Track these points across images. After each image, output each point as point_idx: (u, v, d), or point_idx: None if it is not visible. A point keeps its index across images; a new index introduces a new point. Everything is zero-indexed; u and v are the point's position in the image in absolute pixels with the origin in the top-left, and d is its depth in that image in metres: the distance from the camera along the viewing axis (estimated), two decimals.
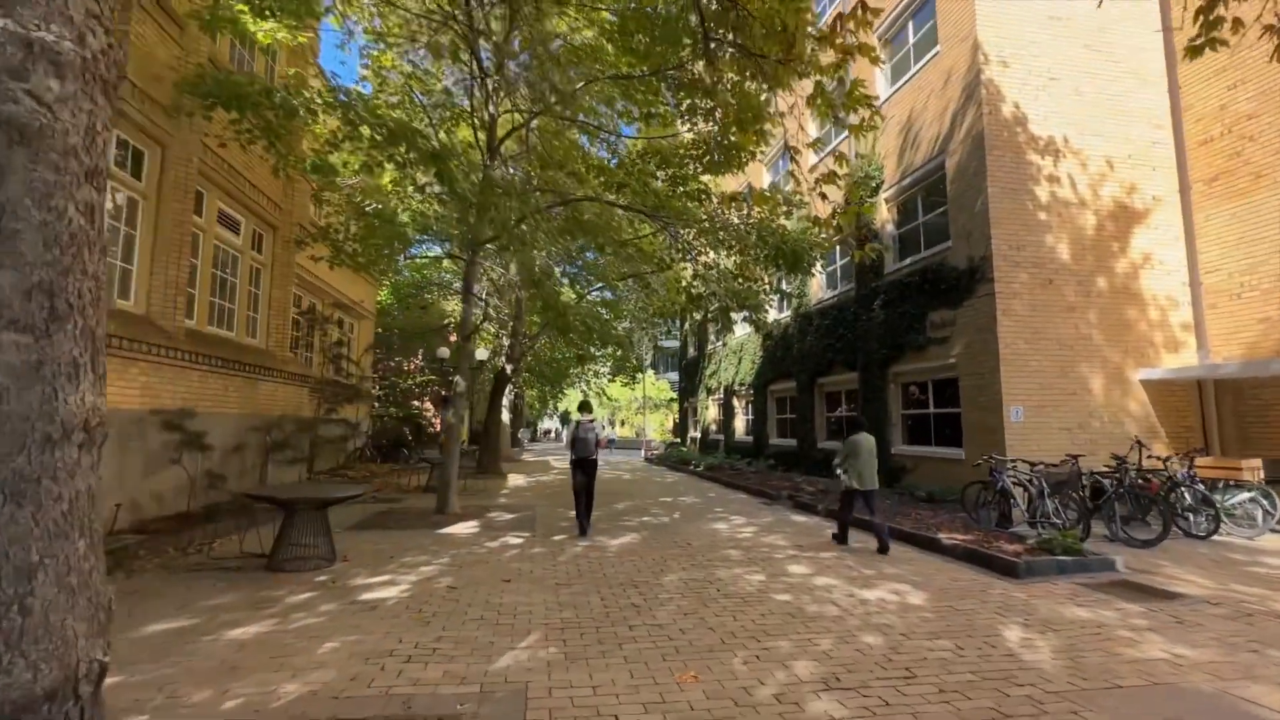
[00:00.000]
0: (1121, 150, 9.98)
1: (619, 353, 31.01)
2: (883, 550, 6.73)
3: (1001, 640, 4.03)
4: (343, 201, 11.60)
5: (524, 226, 9.25)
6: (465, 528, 7.93)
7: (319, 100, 7.30)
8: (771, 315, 17.49)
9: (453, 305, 24.28)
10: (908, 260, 11.29)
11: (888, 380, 11.74)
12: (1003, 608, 4.75)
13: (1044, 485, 7.31)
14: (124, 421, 6.82)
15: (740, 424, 20.41)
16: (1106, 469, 7.85)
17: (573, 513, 8.90)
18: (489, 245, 9.28)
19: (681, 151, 11.49)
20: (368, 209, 10.80)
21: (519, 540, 7.25)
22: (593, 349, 14.35)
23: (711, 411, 23.39)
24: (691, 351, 27.14)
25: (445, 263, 27.74)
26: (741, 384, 19.46)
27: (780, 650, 3.81)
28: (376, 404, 34.13)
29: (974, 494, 8.18)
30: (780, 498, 11.42)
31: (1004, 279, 9.15)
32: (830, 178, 5.85)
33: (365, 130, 6.81)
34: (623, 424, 64.59)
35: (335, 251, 11.36)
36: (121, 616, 4.18)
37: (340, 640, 3.83)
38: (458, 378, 9.08)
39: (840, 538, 7.27)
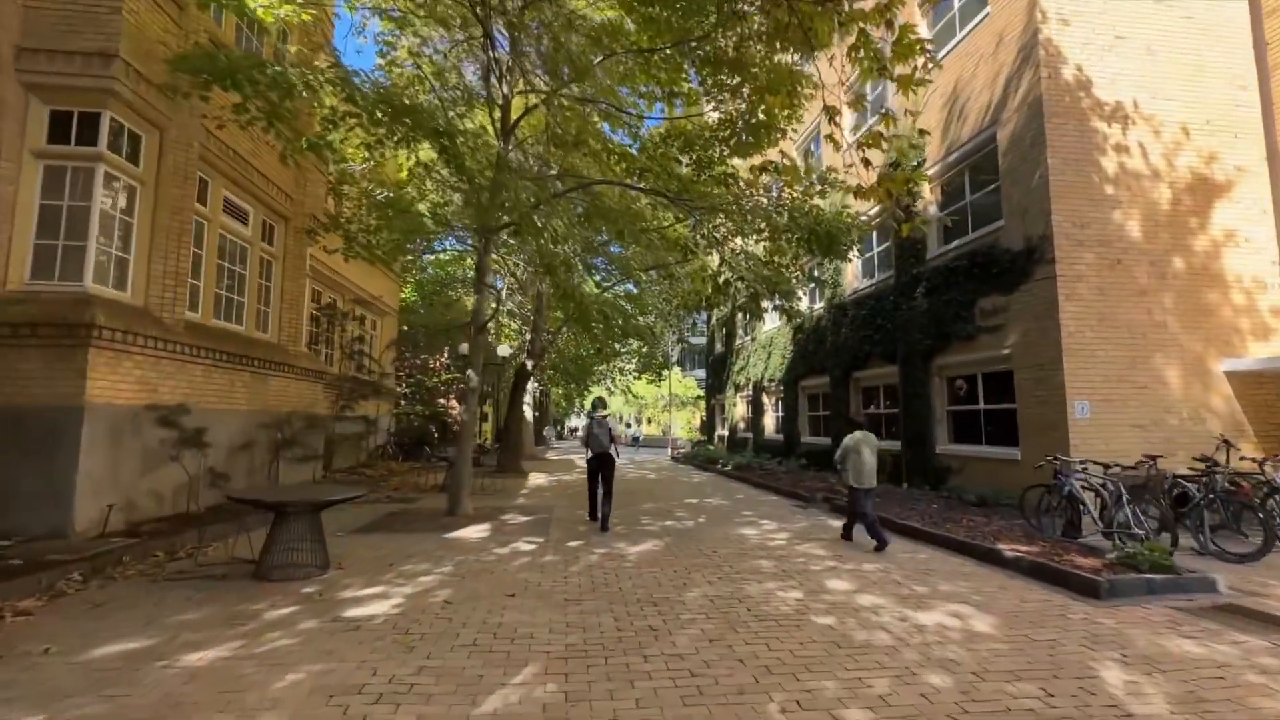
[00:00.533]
0: (1199, 115, 8.94)
1: (644, 349, 30.48)
2: (877, 547, 6.69)
3: (1100, 684, 3.29)
4: (359, 194, 11.26)
5: (541, 209, 8.71)
6: (475, 531, 7.42)
7: (318, 76, 6.85)
8: (803, 306, 16.66)
9: (474, 300, 24.02)
10: (954, 244, 10.40)
11: (931, 374, 10.87)
12: (1090, 639, 3.99)
13: (1121, 490, 6.44)
14: (117, 417, 6.48)
15: (770, 421, 19.61)
16: (1192, 472, 6.93)
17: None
18: (503, 232, 8.76)
19: (707, 133, 10.82)
20: (379, 197, 10.41)
21: (531, 546, 6.69)
22: (615, 343, 13.75)
23: (739, 409, 22.62)
24: (719, 347, 26.37)
25: (470, 259, 27.57)
26: (771, 380, 18.66)
27: (825, 693, 3.14)
28: (402, 401, 34.27)
29: (1035, 499, 7.33)
30: (814, 500, 10.67)
31: (1066, 260, 8.23)
32: (875, 139, 5.13)
33: (362, 101, 6.33)
34: (649, 422, 64.00)
35: (348, 243, 11.02)
36: (76, 635, 3.74)
37: (306, 670, 3.30)
38: (470, 372, 8.58)
39: (846, 535, 7.30)
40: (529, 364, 15.80)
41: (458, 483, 8.27)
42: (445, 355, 32.32)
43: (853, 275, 14.06)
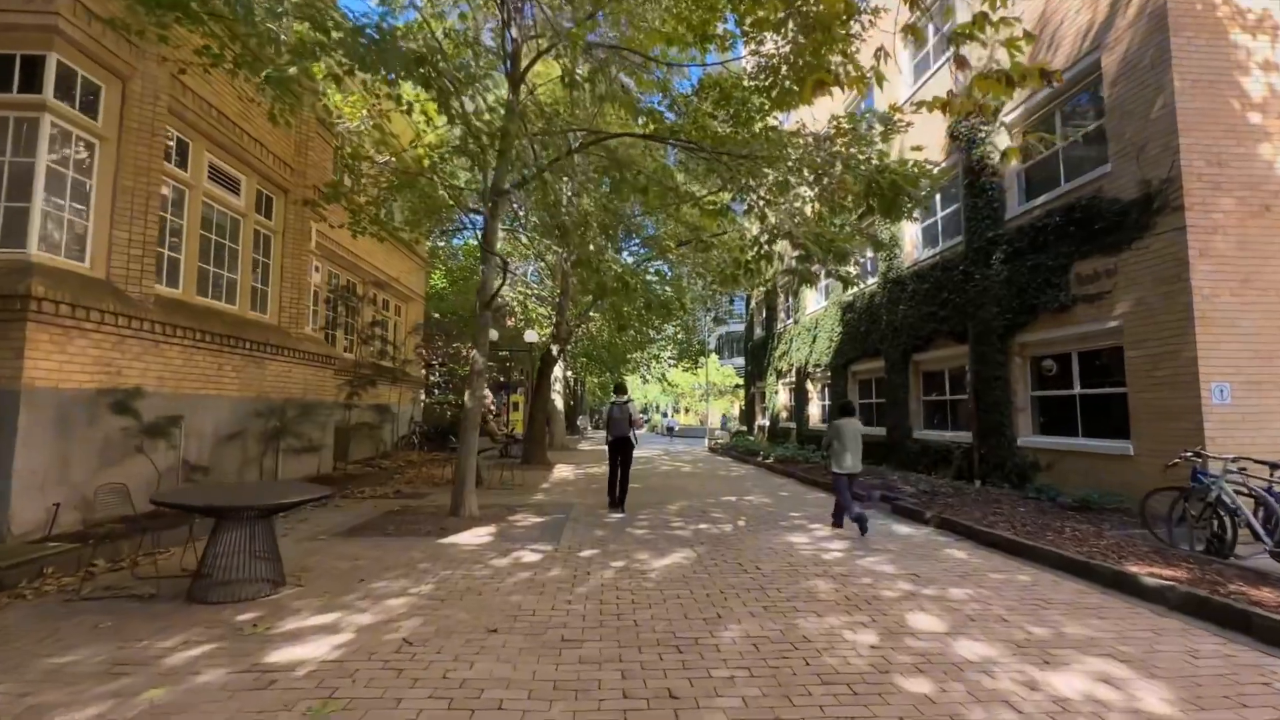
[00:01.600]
0: None
1: (680, 334, 29.17)
2: (835, 524, 7.00)
3: None
4: (358, 157, 10.34)
5: (555, 166, 7.59)
6: (475, 536, 6.39)
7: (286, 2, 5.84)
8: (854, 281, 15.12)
9: (497, 283, 23.14)
10: (1040, 199, 8.77)
11: (1010, 352, 9.31)
12: None
13: None
14: (66, 403, 5.67)
15: (815, 410, 18.12)
16: None
17: (613, 516, 7.71)
18: (514, 195, 7.69)
19: (745, 83, 9.45)
20: (382, 163, 9.46)
21: (536, 556, 5.61)
22: (637, 320, 12.56)
23: (781, 397, 21.16)
24: (758, 332, 24.89)
25: (499, 246, 26.79)
26: (817, 365, 17.16)
27: None
28: (435, 390, 33.95)
29: (1164, 505, 5.83)
30: (872, 500, 9.29)
31: (1199, 206, 6.61)
32: (980, 23, 3.79)
33: (332, 27, 5.27)
34: (686, 411, 62.62)
35: (354, 217, 10.13)
36: None
37: None
38: (475, 353, 7.56)
39: (837, 523, 7.20)
40: (554, 348, 14.77)
41: (461, 479, 7.27)
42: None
43: (912, 245, 12.47)
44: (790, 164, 7.49)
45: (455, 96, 5.50)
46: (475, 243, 27.31)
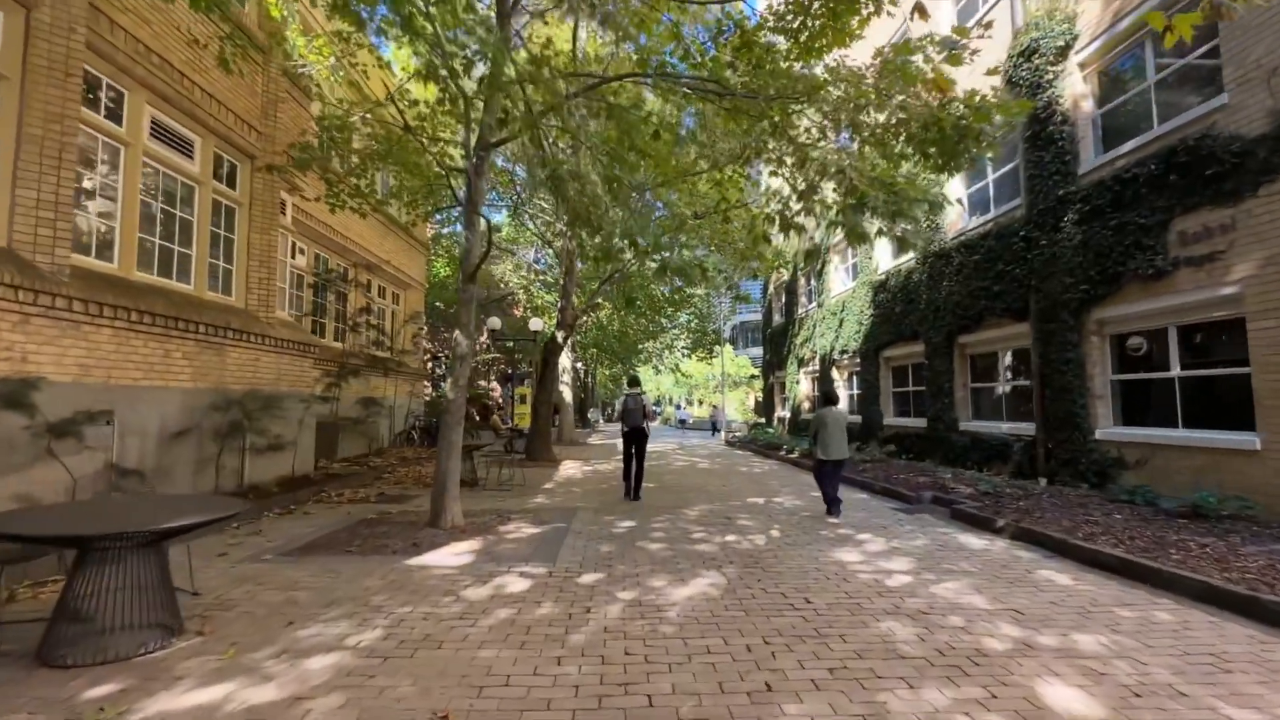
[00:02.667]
0: None
1: (694, 322, 27.89)
2: (828, 513, 7.07)
3: None
4: (331, 118, 9.18)
5: (552, 115, 6.36)
6: (454, 554, 5.24)
7: None
8: (883, 263, 13.80)
9: (500, 268, 21.95)
10: (1127, 146, 7.40)
11: (1085, 331, 7.97)
12: None
13: None
14: None
15: (842, 400, 16.80)
16: None
17: (623, 524, 6.64)
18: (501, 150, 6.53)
19: (768, 25, 8.15)
20: (357, 119, 8.31)
21: (524, 584, 4.45)
22: (646, 299, 11.42)
23: (803, 386, 19.86)
24: (777, 318, 23.56)
25: (505, 230, 25.61)
26: (844, 351, 15.85)
27: None
28: (442, 383, 33.02)
29: None
30: (923, 501, 8.05)
31: None
32: None
33: None
34: (700, 403, 61.31)
35: (331, 188, 9.02)
36: None
37: None
38: (458, 334, 6.39)
39: (831, 511, 7.18)
40: (559, 335, 13.61)
41: (441, 483, 6.12)
42: (484, 334, 30.80)
43: (957, 214, 11.10)
44: (831, 104, 6.20)
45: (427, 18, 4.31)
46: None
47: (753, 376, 50.34)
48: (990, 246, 9.74)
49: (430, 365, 33.09)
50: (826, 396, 7.60)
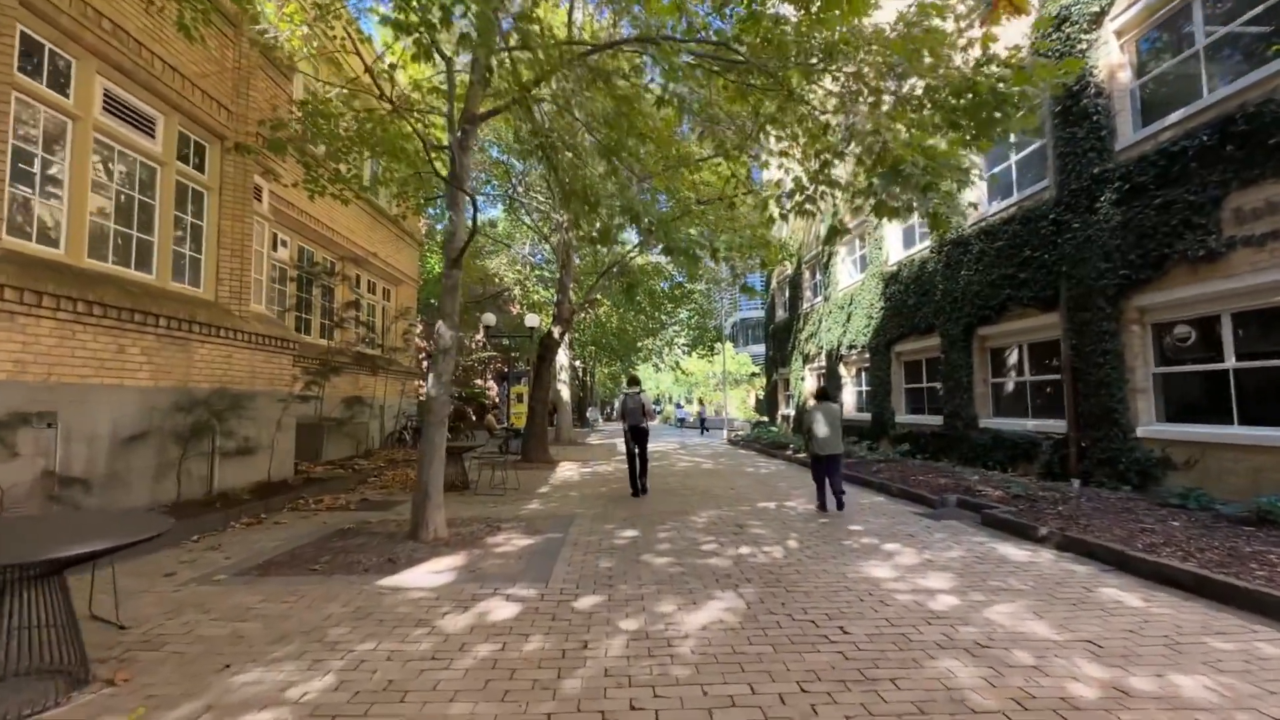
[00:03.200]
0: None
1: (694, 318, 27.29)
2: (837, 507, 7.09)
3: None
4: (323, 109, 8.57)
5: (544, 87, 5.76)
6: (433, 573, 4.62)
7: None
8: (893, 254, 13.19)
9: (495, 263, 21.32)
10: (1174, 116, 6.78)
11: (1124, 319, 7.37)
12: None
13: None
14: None
15: (849, 397, 16.21)
16: None
17: (629, 532, 6.09)
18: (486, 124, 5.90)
19: None
20: (333, 94, 7.69)
21: (511, 610, 3.83)
22: (645, 295, 10.84)
23: (809, 383, 19.25)
24: (780, 313, 22.95)
25: (500, 225, 24.98)
26: (852, 346, 15.24)
27: None
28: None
29: None
30: (947, 505, 7.44)
31: None
32: None
33: None
34: (699, 402, 60.73)
35: (309, 172, 8.39)
36: None
37: None
38: (441, 325, 5.77)
39: (823, 506, 7.34)
40: (555, 331, 12.98)
41: (423, 490, 5.50)
42: (480, 332, 30.14)
43: (977, 198, 10.48)
44: (855, 64, 5.59)
45: None
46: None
47: (753, 374, 49.78)
48: (1014, 232, 9.13)
49: (424, 364, 32.56)
50: (820, 392, 7.84)
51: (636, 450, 8.56)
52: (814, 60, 5.86)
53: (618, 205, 4.83)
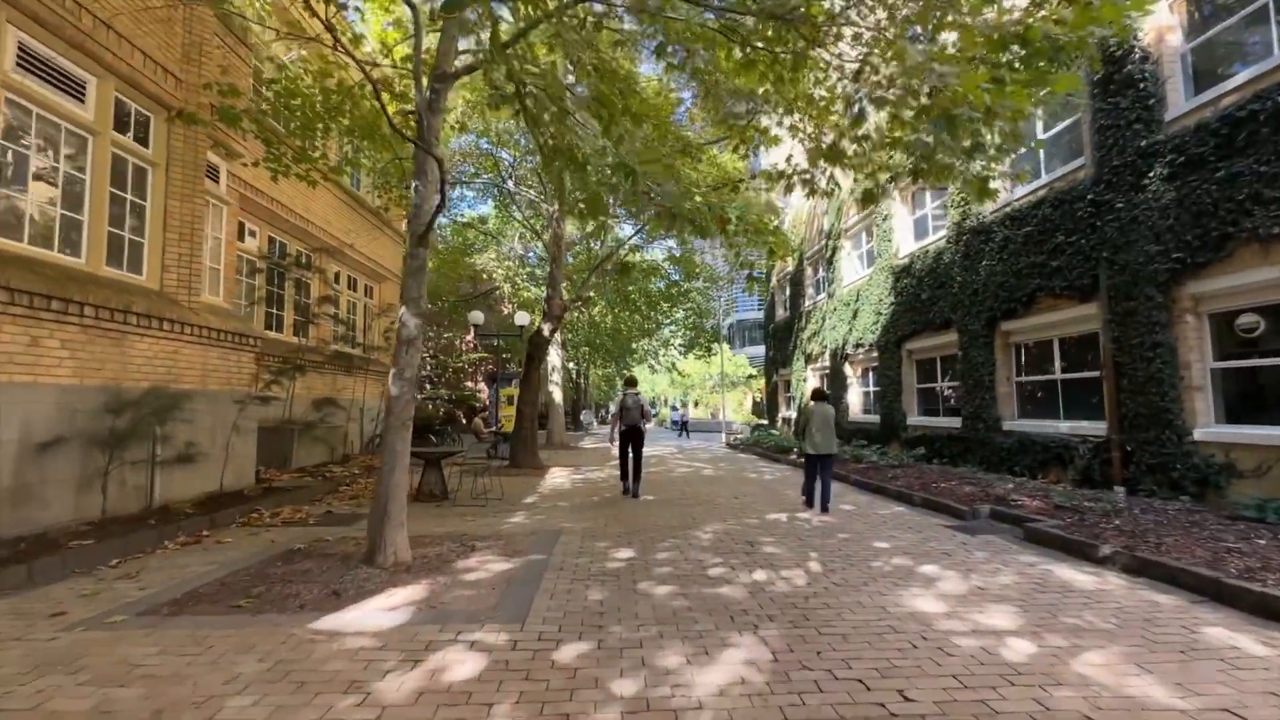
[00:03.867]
0: None
1: (691, 320, 26.52)
2: (822, 509, 7.21)
3: None
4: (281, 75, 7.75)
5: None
6: (383, 610, 3.78)
7: None
8: (904, 246, 12.44)
9: (484, 258, 20.47)
10: (1238, 80, 6.02)
11: (1177, 309, 6.61)
12: None
13: None
14: None
15: (856, 398, 15.44)
16: None
17: (624, 553, 5.31)
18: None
19: None
20: (290, 59, 6.88)
21: (473, 664, 3.00)
22: (638, 286, 10.04)
23: (812, 384, 18.47)
24: (781, 313, 22.20)
25: (491, 221, 24.14)
26: (859, 345, 14.48)
27: None
28: (428, 385, 31.49)
29: None
30: (979, 517, 6.67)
31: None
32: None
33: None
34: (696, 404, 59.90)
35: (270, 150, 7.58)
36: None
37: None
38: (405, 312, 4.95)
39: (809, 502, 7.44)
40: (546, 328, 12.15)
41: (382, 507, 4.66)
42: (472, 335, 29.24)
43: (999, 182, 9.73)
44: (883, 12, 4.81)
45: None
46: (464, 219, 24.71)
47: (750, 376, 49.04)
48: (1045, 216, 8.37)
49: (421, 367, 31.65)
50: (815, 393, 7.90)
51: (631, 451, 8.61)
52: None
53: (609, 163, 4.02)
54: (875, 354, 13.76)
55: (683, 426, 32.37)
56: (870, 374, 14.70)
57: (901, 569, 4.82)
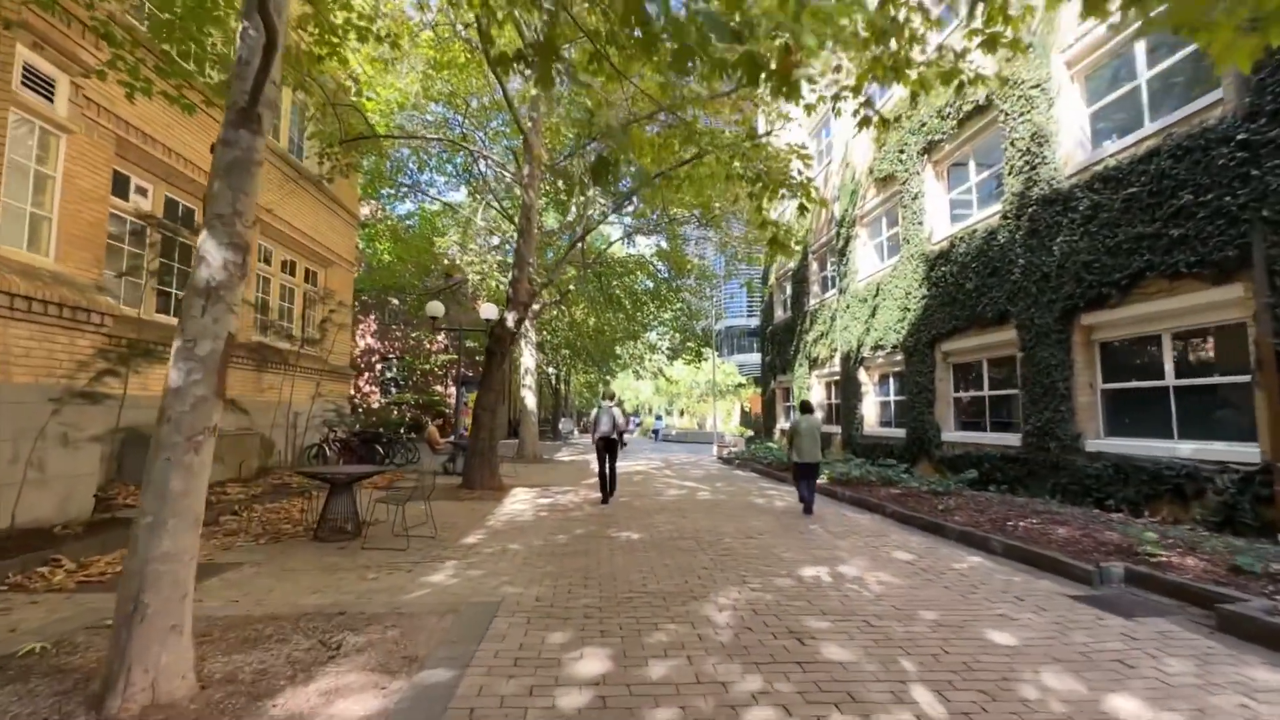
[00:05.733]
0: None
1: (680, 320, 24.42)
2: (807, 511, 7.73)
3: None
4: None
5: None
6: None
7: None
8: (939, 227, 10.52)
9: (447, 241, 18.19)
10: None
11: None
12: None
13: None
14: None
15: (872, 409, 13.43)
16: None
17: (593, 663, 2.98)
18: None
19: None
20: None
21: None
22: (621, 289, 8.05)
23: (817, 392, 16.47)
24: (780, 313, 20.22)
25: (464, 208, 21.86)
26: (878, 347, 12.48)
27: None
28: (392, 388, 28.91)
29: None
30: (1111, 580, 4.60)
31: None
32: None
33: None
34: (682, 414, 57.73)
35: (117, 53, 5.46)
36: None
37: None
38: (203, 239, 2.77)
39: (807, 510, 7.77)
40: (510, 318, 9.95)
41: (127, 604, 2.45)
42: (441, 336, 26.83)
43: (1080, 137, 7.79)
44: None
45: None
46: (434, 209, 22.43)
47: (739, 385, 47.07)
48: (1159, 171, 6.41)
49: (380, 368, 29.07)
50: (803, 406, 8.53)
51: (608, 458, 8.87)
52: None
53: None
54: (900, 357, 11.76)
55: (655, 434, 34.89)
56: (892, 380, 12.70)
57: (1072, 699, 2.73)
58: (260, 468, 10.66)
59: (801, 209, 5.92)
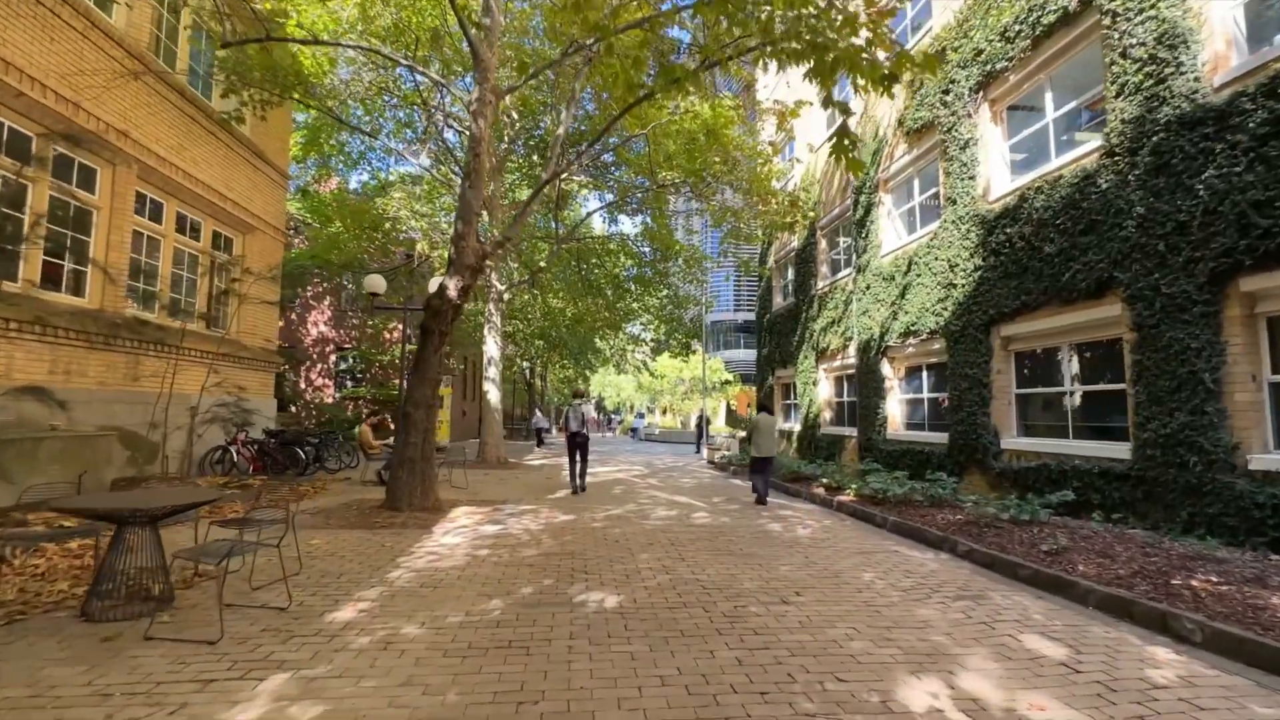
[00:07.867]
0: None
1: (667, 310, 22.15)
2: (760, 502, 8.71)
3: None
4: None
5: None
6: None
7: None
8: (999, 181, 8.35)
9: (393, 203, 15.54)
10: None
11: None
12: None
13: None
14: None
15: (897, 408, 11.27)
16: None
17: None
18: None
19: None
20: None
21: None
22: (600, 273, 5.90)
23: (824, 389, 14.29)
24: (779, 299, 18.01)
25: (426, 180, 19.25)
26: (909, 333, 10.31)
27: None
28: (348, 382, 26.06)
29: None
30: None
31: None
32: None
33: None
34: (665, 412, 55.40)
35: None
36: None
37: None
38: None
39: (760, 500, 8.77)
40: (452, 286, 7.56)
41: None
42: (403, 323, 24.19)
43: (1231, 29, 5.64)
44: None
45: None
46: (392, 175, 19.80)
47: (726, 382, 44.93)
48: None
49: (335, 359, 26.21)
50: (761, 405, 9.99)
51: (579, 454, 9.64)
52: None
53: None
54: (940, 345, 9.61)
55: (634, 432, 34.71)
56: (926, 374, 10.55)
57: None
58: (127, 479, 8.16)
59: (888, 83, 3.64)
